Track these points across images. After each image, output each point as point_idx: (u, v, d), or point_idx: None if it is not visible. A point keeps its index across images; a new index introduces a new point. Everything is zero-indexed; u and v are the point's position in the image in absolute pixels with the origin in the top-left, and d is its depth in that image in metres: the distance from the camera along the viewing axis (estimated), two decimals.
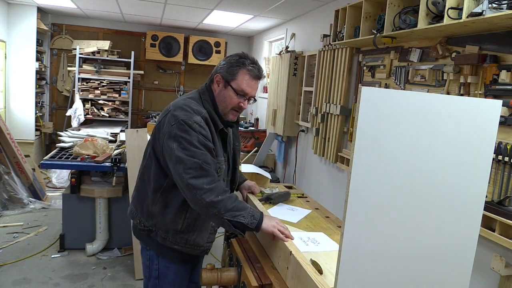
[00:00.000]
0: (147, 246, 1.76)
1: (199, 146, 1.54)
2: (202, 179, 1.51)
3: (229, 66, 1.64)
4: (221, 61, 1.71)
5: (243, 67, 1.63)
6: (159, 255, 1.74)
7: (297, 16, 4.97)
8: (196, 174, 1.51)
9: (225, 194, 1.53)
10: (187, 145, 1.53)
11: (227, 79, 1.64)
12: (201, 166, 1.51)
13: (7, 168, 4.37)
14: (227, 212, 1.51)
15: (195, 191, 1.50)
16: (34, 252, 3.43)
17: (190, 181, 1.50)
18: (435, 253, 1.12)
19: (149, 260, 1.76)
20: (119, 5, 5.22)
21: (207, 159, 1.54)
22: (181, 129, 1.54)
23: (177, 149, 1.53)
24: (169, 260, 1.74)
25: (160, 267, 1.74)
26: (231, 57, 1.68)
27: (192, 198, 1.52)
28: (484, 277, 2.02)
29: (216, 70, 1.69)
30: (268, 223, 1.55)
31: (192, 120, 1.56)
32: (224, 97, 1.66)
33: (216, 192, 1.51)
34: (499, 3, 1.78)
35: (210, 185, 1.51)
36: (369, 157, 1.00)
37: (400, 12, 2.50)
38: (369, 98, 0.97)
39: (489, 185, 1.95)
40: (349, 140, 3.48)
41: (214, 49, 6.70)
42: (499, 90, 1.98)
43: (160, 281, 1.75)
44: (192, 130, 1.54)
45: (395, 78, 2.84)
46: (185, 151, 1.53)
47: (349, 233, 1.01)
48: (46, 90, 6.55)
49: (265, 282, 1.45)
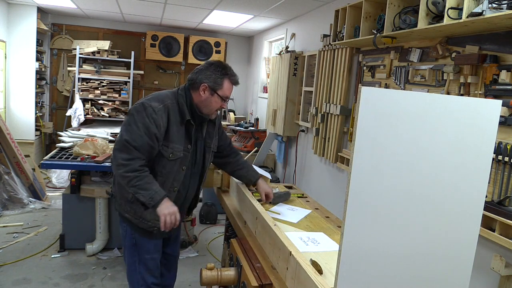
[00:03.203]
0: (119, 216, 2.02)
1: (140, 126, 1.80)
2: (122, 154, 1.78)
3: (215, 77, 1.90)
4: (203, 69, 1.93)
5: (227, 77, 1.92)
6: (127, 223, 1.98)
7: (297, 16, 4.97)
8: (119, 147, 1.80)
9: (134, 172, 1.77)
10: (131, 122, 1.82)
11: (213, 88, 1.90)
12: (126, 143, 1.78)
13: (7, 168, 4.37)
14: (131, 187, 1.79)
15: (113, 160, 1.82)
16: (34, 252, 3.43)
17: (114, 151, 1.82)
18: (435, 253, 1.12)
19: (126, 231, 2.00)
20: (119, 5, 5.22)
21: (136, 140, 1.79)
22: (136, 109, 1.84)
23: (125, 123, 1.85)
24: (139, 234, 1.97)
25: (136, 236, 1.99)
26: (214, 68, 1.92)
27: (111, 165, 1.85)
28: (484, 277, 2.02)
29: (199, 79, 1.91)
30: (164, 209, 1.79)
31: (149, 104, 1.83)
32: (210, 103, 1.92)
33: (127, 168, 1.77)
34: (499, 3, 1.78)
35: (124, 161, 1.77)
36: (369, 157, 1.00)
37: (400, 12, 2.50)
38: (369, 98, 0.97)
39: (489, 185, 1.95)
40: (349, 140, 3.48)
41: (214, 49, 6.70)
42: (499, 90, 1.98)
43: (137, 248, 2.00)
44: (143, 112, 1.81)
45: (395, 78, 2.84)
46: (127, 126, 1.82)
47: (349, 233, 1.01)
48: (46, 90, 6.55)
49: (265, 282, 1.45)
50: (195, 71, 1.94)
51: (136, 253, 2.01)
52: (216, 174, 2.49)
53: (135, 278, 2.04)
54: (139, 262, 2.01)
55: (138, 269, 2.01)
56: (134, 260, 2.02)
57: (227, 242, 1.95)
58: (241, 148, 5.21)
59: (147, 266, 2.02)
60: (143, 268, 2.02)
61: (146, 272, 2.02)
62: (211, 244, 3.90)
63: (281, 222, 1.93)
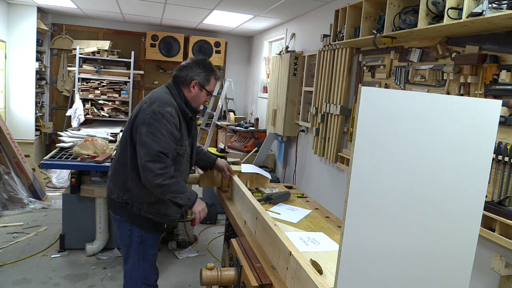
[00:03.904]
0: (123, 218, 2.07)
1: (165, 134, 1.89)
2: (156, 164, 1.86)
3: (205, 74, 2.08)
4: (192, 67, 2.07)
5: (214, 74, 2.12)
6: (135, 224, 2.06)
7: (297, 16, 4.97)
8: (152, 159, 1.86)
9: (172, 179, 1.89)
10: (155, 132, 1.87)
11: (203, 84, 2.08)
12: (158, 153, 1.86)
13: (7, 168, 4.37)
14: (169, 193, 1.91)
15: (148, 172, 1.87)
16: (34, 252, 3.42)
17: (147, 163, 1.86)
18: (435, 253, 1.12)
19: (130, 230, 2.07)
20: (119, 5, 5.22)
21: (167, 147, 1.88)
22: (154, 118, 1.89)
23: (145, 134, 1.88)
24: (146, 231, 2.08)
25: (142, 234, 2.08)
26: (203, 66, 2.08)
27: (144, 177, 1.89)
28: (484, 277, 2.02)
29: (190, 76, 2.06)
30: (198, 207, 2.03)
31: (165, 110, 1.91)
32: (199, 97, 2.10)
33: (165, 177, 1.87)
34: (499, 3, 1.78)
35: (161, 170, 1.86)
36: (369, 157, 1.00)
37: (400, 12, 2.50)
38: (369, 98, 0.97)
39: (489, 185, 1.95)
40: (349, 140, 3.49)
41: (214, 49, 6.70)
42: (499, 90, 1.98)
43: (143, 245, 2.10)
44: (163, 119, 1.89)
45: (395, 78, 2.84)
46: (151, 137, 1.87)
47: (349, 233, 1.01)
48: (46, 90, 6.55)
49: (265, 282, 1.45)
50: (182, 68, 2.09)
51: (142, 251, 2.10)
52: (216, 174, 2.49)
53: (138, 276, 2.12)
54: (143, 260, 2.11)
55: (142, 267, 2.11)
56: (140, 258, 2.11)
57: (227, 242, 1.95)
58: (241, 148, 5.21)
59: (151, 262, 2.15)
60: (147, 265, 2.13)
61: (150, 268, 2.14)
62: (211, 244, 3.90)
63: (281, 222, 1.93)
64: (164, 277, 3.15)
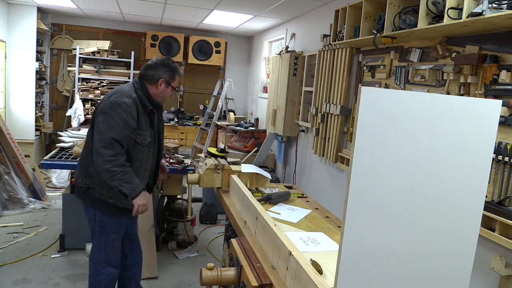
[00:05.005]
0: (87, 203, 2.23)
1: (119, 122, 2.05)
2: (107, 150, 2.02)
3: (171, 72, 2.27)
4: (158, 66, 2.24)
5: (177, 70, 2.32)
6: (98, 209, 2.21)
7: (297, 16, 4.97)
8: (105, 145, 2.03)
9: (120, 167, 2.05)
10: (110, 120, 2.05)
11: (169, 82, 2.28)
12: (111, 140, 2.02)
13: (7, 168, 4.37)
14: (116, 180, 2.06)
15: (99, 157, 2.04)
16: (34, 252, 3.42)
17: (99, 148, 2.03)
18: (435, 253, 1.12)
19: (94, 215, 2.23)
20: (119, 5, 5.22)
21: (120, 135, 2.05)
22: (110, 107, 2.07)
23: (101, 121, 2.06)
24: (108, 215, 2.22)
25: (103, 219, 2.23)
26: (168, 65, 2.27)
27: (96, 161, 2.06)
28: (484, 277, 2.02)
29: (157, 74, 2.24)
30: (139, 200, 2.14)
31: (121, 100, 2.09)
32: (165, 93, 2.30)
33: (113, 164, 2.03)
34: (499, 3, 1.78)
35: (111, 157, 2.02)
36: (369, 157, 1.00)
37: (400, 12, 2.51)
38: (369, 98, 0.97)
39: (489, 185, 1.95)
40: (349, 140, 3.49)
41: (214, 49, 6.70)
42: (499, 90, 1.98)
43: (104, 229, 2.25)
44: (119, 108, 2.06)
45: (395, 78, 2.84)
46: (106, 124, 2.04)
47: (349, 233, 1.01)
48: (46, 90, 6.55)
49: (265, 282, 1.45)
50: (149, 68, 2.25)
51: (103, 235, 2.26)
52: (216, 174, 2.49)
53: (99, 260, 2.28)
54: (105, 243, 2.27)
55: (104, 250, 2.27)
56: (101, 241, 2.27)
57: (227, 242, 1.95)
58: (241, 148, 5.21)
59: (113, 246, 2.30)
60: (109, 249, 2.28)
61: (112, 252, 2.30)
62: (211, 244, 3.90)
63: (281, 222, 1.93)
64: (164, 277, 3.15)
